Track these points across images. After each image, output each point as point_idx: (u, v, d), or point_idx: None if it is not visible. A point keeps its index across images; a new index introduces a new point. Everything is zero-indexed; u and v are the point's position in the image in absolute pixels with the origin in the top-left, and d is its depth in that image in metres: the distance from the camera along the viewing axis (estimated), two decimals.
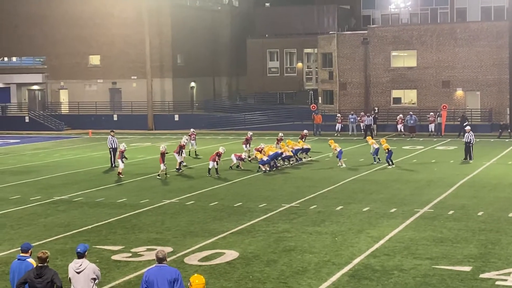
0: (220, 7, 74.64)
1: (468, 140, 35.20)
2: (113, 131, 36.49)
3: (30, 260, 11.75)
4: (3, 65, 69.79)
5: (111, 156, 35.20)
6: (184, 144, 34.49)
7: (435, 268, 15.57)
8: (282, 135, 38.30)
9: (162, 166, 30.78)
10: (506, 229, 19.38)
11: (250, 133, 39.01)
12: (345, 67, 57.45)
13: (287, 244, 18.06)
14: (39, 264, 11.20)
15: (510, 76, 51.81)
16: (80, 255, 11.46)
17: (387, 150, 33.41)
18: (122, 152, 31.89)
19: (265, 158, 32.25)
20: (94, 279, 11.48)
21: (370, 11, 72.75)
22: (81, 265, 11.42)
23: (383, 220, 20.90)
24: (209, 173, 31.30)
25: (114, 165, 34.73)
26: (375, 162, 34.28)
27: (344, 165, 33.42)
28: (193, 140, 39.10)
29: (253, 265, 16.14)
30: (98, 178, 31.62)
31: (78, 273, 11.41)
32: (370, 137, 40.41)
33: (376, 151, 34.44)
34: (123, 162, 31.69)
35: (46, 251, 11.43)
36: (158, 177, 30.84)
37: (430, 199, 24.22)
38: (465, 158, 35.21)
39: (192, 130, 40.62)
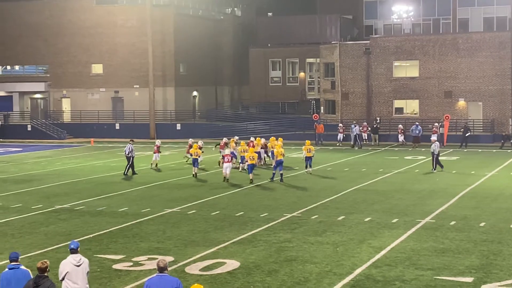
0: (222, 17, 74.81)
1: (432, 151, 35.07)
2: (133, 140, 37.09)
3: (23, 267, 11.86)
4: (5, 74, 69.85)
5: (127, 164, 35.32)
6: (191, 144, 37.64)
7: (436, 279, 15.53)
8: (160, 142, 39.38)
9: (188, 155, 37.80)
10: (508, 240, 19.34)
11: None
12: (347, 77, 57.49)
13: (288, 254, 18.03)
14: (39, 274, 11.23)
15: None
16: (74, 251, 12.19)
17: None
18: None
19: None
20: (88, 273, 12.29)
21: (373, 21, 72.84)
22: (80, 259, 12.15)
23: (385, 230, 20.87)
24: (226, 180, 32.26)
25: (126, 173, 35.18)
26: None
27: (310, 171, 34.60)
28: (156, 153, 37.90)
29: (254, 275, 16.11)
30: (99, 187, 31.61)
31: (78, 266, 12.06)
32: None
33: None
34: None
35: (46, 260, 11.48)
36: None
37: (432, 210, 24.18)
38: (433, 168, 35.12)
39: (158, 141, 39.52)
